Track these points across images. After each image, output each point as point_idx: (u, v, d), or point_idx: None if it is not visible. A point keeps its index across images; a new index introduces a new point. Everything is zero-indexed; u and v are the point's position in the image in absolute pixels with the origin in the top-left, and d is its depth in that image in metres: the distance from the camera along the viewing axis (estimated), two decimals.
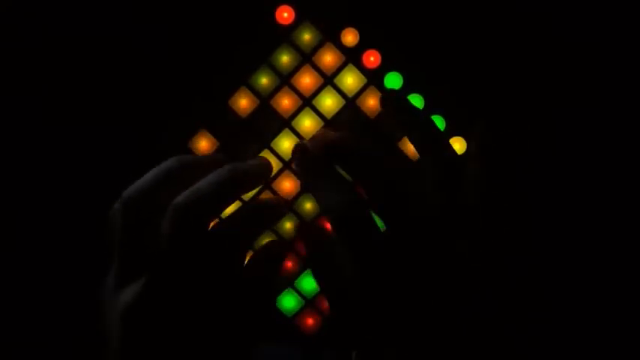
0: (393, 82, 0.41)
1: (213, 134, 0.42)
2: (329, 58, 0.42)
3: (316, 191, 0.38)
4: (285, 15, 0.41)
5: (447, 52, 0.43)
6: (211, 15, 0.43)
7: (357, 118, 0.42)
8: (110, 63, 0.44)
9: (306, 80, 0.42)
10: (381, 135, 0.42)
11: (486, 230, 0.37)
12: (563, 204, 0.43)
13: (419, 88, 0.41)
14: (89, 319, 0.45)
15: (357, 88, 0.42)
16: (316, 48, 0.41)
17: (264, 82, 0.42)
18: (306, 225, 0.42)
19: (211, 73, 0.43)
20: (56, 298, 0.46)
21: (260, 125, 0.42)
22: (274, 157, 0.42)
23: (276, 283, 0.42)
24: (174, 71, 0.44)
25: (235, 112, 0.42)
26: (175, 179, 0.36)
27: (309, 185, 0.39)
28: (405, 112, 0.40)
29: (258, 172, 0.41)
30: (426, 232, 0.36)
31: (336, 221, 0.36)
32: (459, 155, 0.40)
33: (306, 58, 0.42)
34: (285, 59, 0.42)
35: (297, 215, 0.43)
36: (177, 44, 0.44)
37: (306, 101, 0.42)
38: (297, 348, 0.44)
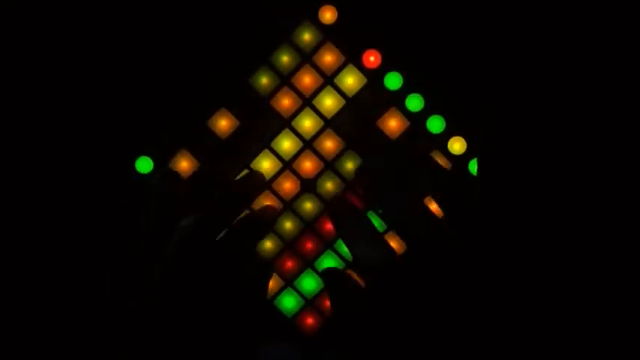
0: (393, 82, 0.41)
1: (213, 134, 0.42)
2: (329, 58, 0.42)
3: (353, 244, 0.39)
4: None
5: (447, 52, 0.43)
6: (211, 15, 0.43)
7: (357, 118, 0.42)
8: (110, 63, 0.44)
9: (306, 80, 0.42)
10: (381, 135, 0.42)
11: (486, 230, 0.37)
12: (563, 204, 0.43)
13: (419, 88, 0.41)
14: (89, 319, 0.46)
15: (357, 88, 0.42)
16: (316, 48, 0.41)
17: (264, 82, 0.42)
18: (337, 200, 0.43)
19: (211, 73, 0.43)
20: (56, 297, 0.46)
21: (260, 125, 0.42)
22: (274, 157, 0.42)
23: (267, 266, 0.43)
24: (174, 71, 0.44)
25: (235, 112, 0.42)
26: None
27: (344, 235, 0.40)
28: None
29: (252, 185, 0.42)
30: (439, 255, 0.37)
31: (370, 272, 0.38)
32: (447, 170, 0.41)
33: (306, 58, 0.42)
34: (285, 59, 0.42)
35: (297, 215, 0.43)
36: (177, 44, 0.44)
37: (306, 101, 0.42)
38: (297, 348, 0.44)
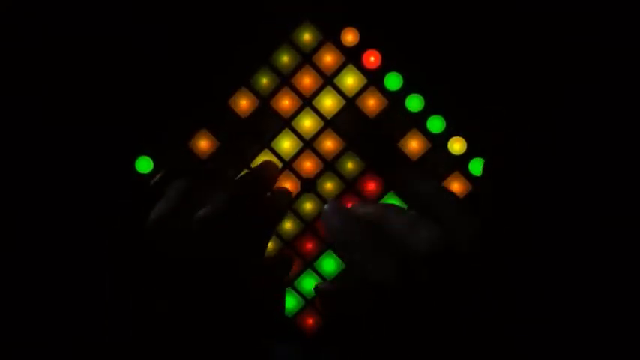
0: (393, 82, 0.41)
1: (213, 134, 0.42)
2: (329, 58, 0.41)
3: (361, 262, 0.38)
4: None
5: (447, 52, 0.43)
6: (211, 15, 0.43)
7: (357, 118, 0.42)
8: (110, 63, 0.44)
9: (306, 80, 0.42)
10: (381, 135, 0.42)
11: (486, 231, 0.37)
12: (563, 204, 0.43)
13: (419, 88, 0.41)
14: (89, 319, 0.46)
15: (357, 88, 0.42)
16: (316, 48, 0.41)
17: (264, 82, 0.42)
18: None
19: (211, 73, 0.43)
20: (56, 297, 0.46)
21: (260, 125, 0.42)
22: (274, 157, 0.42)
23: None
24: (174, 71, 0.44)
25: (235, 112, 0.42)
26: (191, 197, 0.39)
27: (350, 253, 0.39)
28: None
29: (263, 174, 0.42)
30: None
31: (380, 290, 0.37)
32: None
33: (306, 58, 0.42)
34: (285, 59, 0.42)
35: (297, 215, 0.43)
36: (177, 44, 0.44)
37: (306, 101, 0.42)
38: (297, 348, 0.44)
